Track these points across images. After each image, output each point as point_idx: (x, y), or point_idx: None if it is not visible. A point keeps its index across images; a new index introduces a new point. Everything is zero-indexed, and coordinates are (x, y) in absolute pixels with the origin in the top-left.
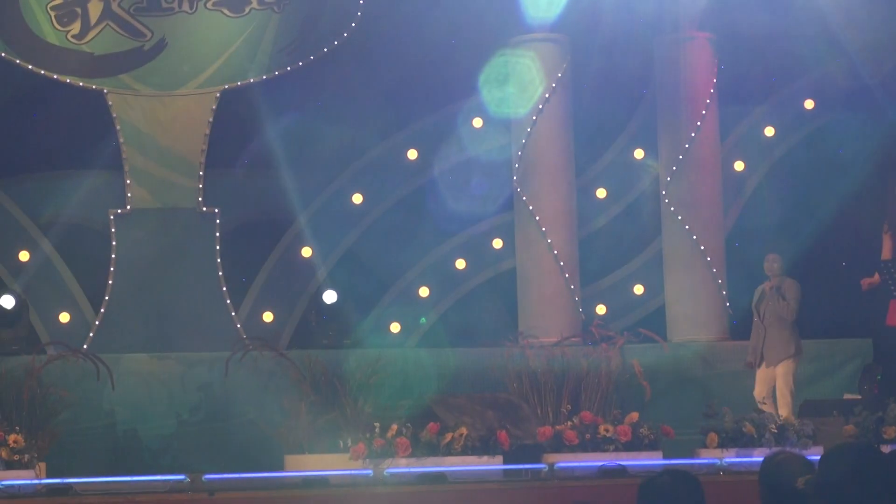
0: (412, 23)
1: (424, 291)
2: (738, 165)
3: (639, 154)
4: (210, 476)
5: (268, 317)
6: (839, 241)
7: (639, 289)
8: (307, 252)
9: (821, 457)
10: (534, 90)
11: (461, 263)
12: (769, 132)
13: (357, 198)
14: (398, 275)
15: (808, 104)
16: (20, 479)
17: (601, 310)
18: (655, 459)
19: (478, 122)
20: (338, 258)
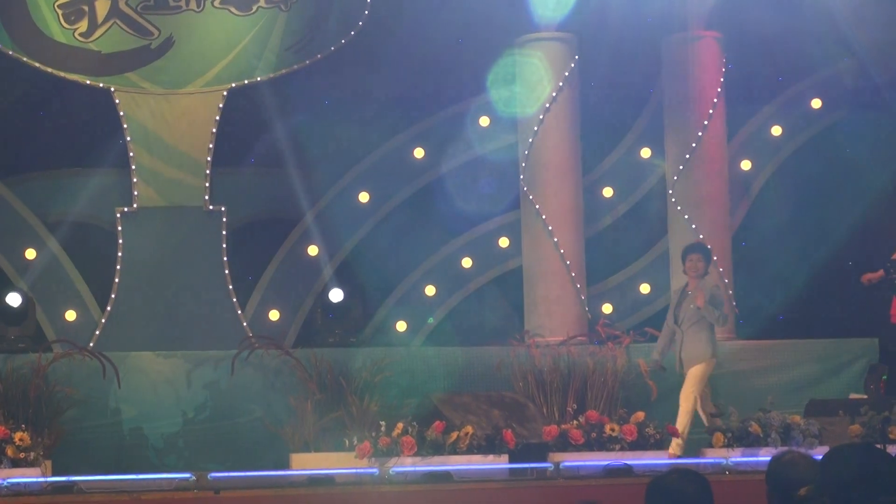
0: (419, 21)
1: (431, 290)
2: (745, 165)
3: (646, 153)
4: (216, 474)
5: (274, 315)
6: (846, 241)
7: (645, 288)
8: (313, 250)
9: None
10: (541, 89)
11: (468, 262)
12: (776, 132)
13: (364, 196)
14: (404, 273)
15: (816, 103)
16: (26, 477)
17: (607, 309)
18: (661, 459)
19: (485, 121)
20: (344, 257)
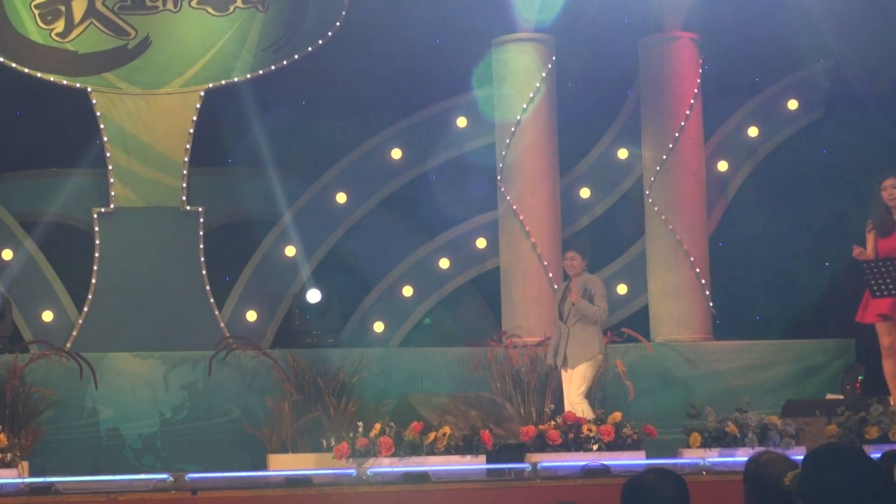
0: (397, 22)
1: (408, 291)
2: (722, 165)
3: (623, 154)
4: (193, 475)
5: (251, 316)
6: (822, 241)
7: (622, 288)
8: (291, 251)
9: (804, 458)
10: (518, 90)
11: (445, 263)
12: (753, 132)
13: (341, 197)
14: (382, 274)
15: (793, 104)
16: (2, 478)
17: None
18: (638, 459)
19: (462, 122)
20: (321, 257)
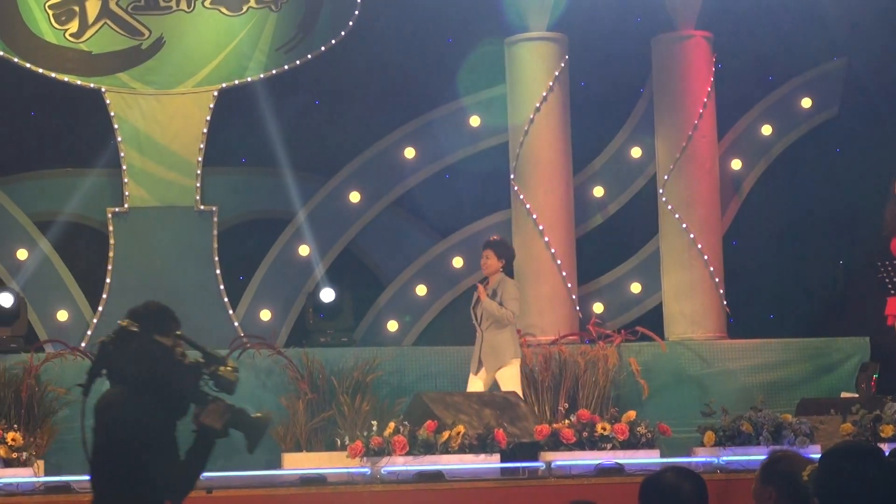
0: (410, 21)
1: (422, 290)
2: (736, 164)
3: (636, 152)
4: (207, 474)
5: (265, 315)
6: (836, 239)
7: (636, 287)
8: (304, 250)
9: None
10: (531, 89)
11: (458, 262)
12: (767, 131)
13: (354, 196)
14: (395, 273)
15: (806, 102)
16: (18, 477)
17: (598, 308)
18: (653, 458)
19: (475, 121)
20: (335, 256)
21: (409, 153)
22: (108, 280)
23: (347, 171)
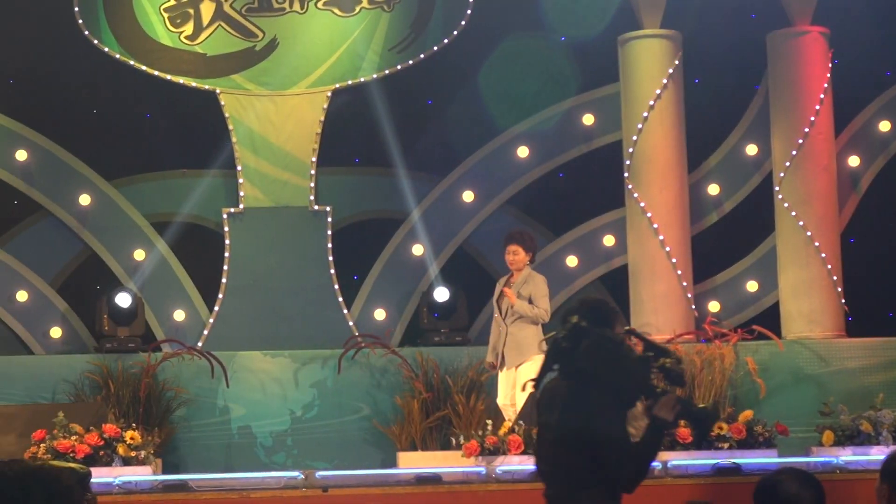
0: (522, 19)
1: None
2: (853, 160)
3: (752, 150)
4: (324, 473)
5: (380, 314)
6: None
7: (752, 286)
8: (418, 250)
9: None
10: (645, 86)
11: (573, 261)
12: (885, 127)
13: (468, 195)
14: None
15: None
16: (137, 476)
17: (714, 307)
18: (770, 458)
19: (589, 119)
20: (449, 255)
21: (523, 152)
22: (224, 280)
23: (461, 171)
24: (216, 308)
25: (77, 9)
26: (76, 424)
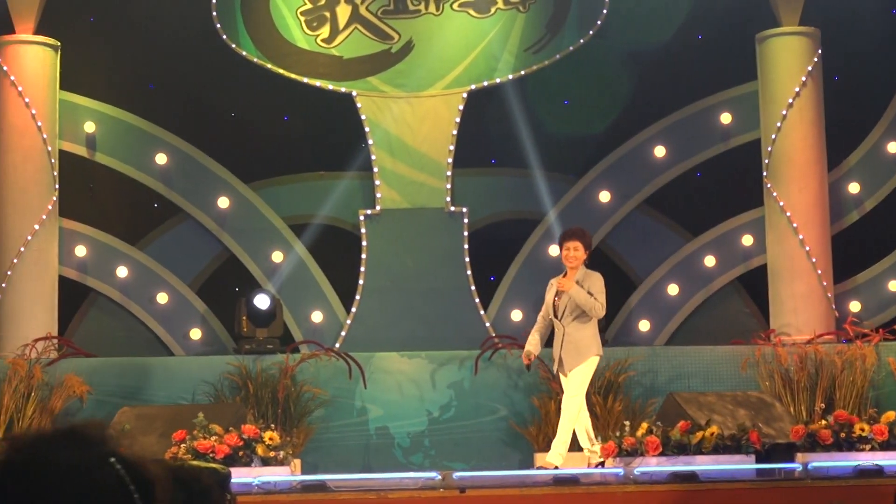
0: (657, 18)
1: (673, 289)
2: None
3: (893, 147)
4: (461, 474)
5: (516, 315)
6: None
7: (894, 285)
8: (555, 250)
9: None
10: (783, 84)
11: (711, 260)
12: None
13: (605, 195)
14: (646, 272)
15: None
16: (276, 476)
17: (855, 307)
18: None
19: (726, 118)
20: None
21: (660, 151)
22: (361, 281)
23: (597, 171)
24: (353, 309)
25: (215, 13)
26: (216, 425)
